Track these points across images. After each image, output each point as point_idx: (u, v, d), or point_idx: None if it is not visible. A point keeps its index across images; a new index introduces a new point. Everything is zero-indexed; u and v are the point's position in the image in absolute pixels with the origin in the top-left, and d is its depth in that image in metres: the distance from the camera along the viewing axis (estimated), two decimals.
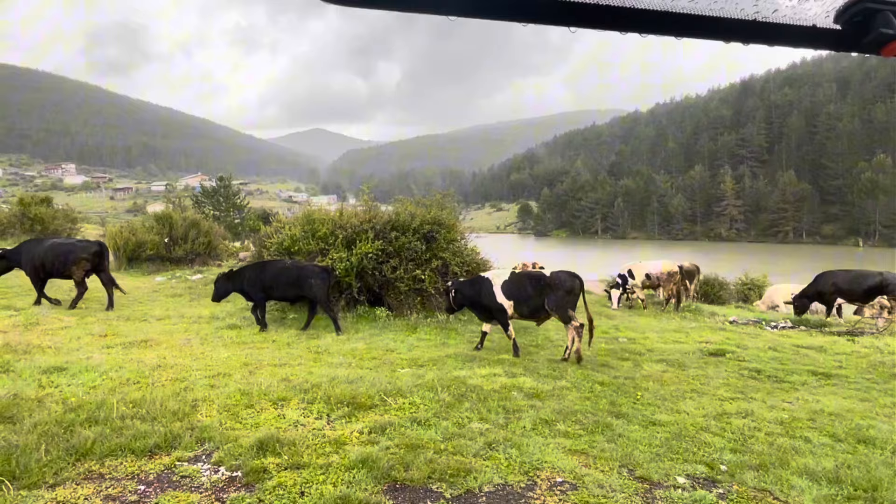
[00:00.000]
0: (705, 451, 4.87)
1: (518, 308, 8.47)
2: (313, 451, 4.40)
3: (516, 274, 8.73)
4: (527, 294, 8.38)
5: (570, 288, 8.34)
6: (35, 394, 5.34)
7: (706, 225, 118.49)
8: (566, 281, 8.37)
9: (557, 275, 8.41)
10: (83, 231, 29.72)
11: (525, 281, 8.47)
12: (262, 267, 10.47)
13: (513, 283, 8.50)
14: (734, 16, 0.97)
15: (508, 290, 8.45)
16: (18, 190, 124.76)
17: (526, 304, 8.38)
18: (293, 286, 10.10)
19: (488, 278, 8.77)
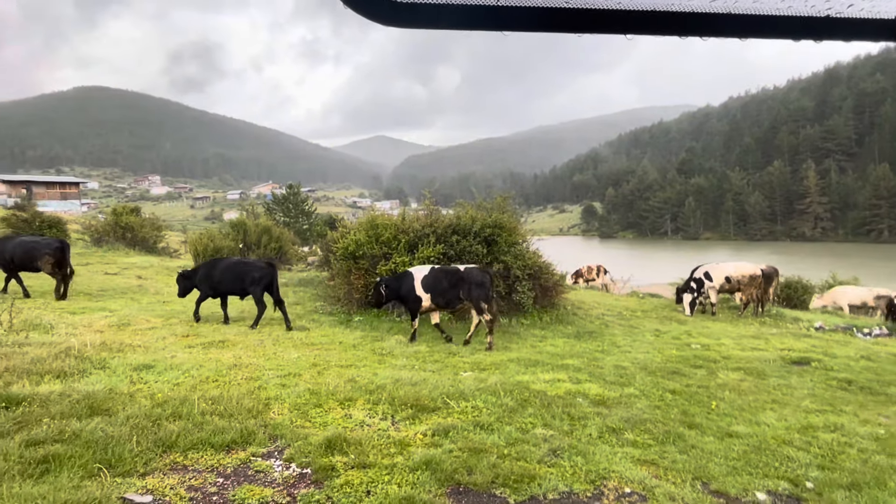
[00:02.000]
0: (788, 467, 4.56)
1: (435, 300, 9.48)
2: (378, 451, 4.49)
3: (435, 269, 9.73)
4: (443, 287, 9.43)
5: (480, 282, 9.41)
6: (127, 389, 5.78)
7: (787, 224, 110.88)
8: (477, 276, 9.50)
9: (470, 270, 9.58)
10: (167, 238, 31.92)
11: (441, 275, 9.54)
12: (213, 264, 11.25)
13: (431, 278, 9.53)
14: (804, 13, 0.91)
15: (427, 284, 9.45)
16: (112, 201, 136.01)
17: (442, 296, 9.44)
18: (237, 281, 10.85)
19: (411, 272, 9.76)
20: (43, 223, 25.88)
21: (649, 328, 12.04)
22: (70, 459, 3.89)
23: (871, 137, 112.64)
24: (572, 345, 9.77)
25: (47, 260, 12.64)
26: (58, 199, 60.61)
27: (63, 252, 12.92)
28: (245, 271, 10.85)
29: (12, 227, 25.40)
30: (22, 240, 13.17)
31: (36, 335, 7.94)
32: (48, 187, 63.48)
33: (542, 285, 12.21)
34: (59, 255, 12.81)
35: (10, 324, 8.14)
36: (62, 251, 12.91)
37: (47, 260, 12.64)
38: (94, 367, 6.50)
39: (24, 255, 12.63)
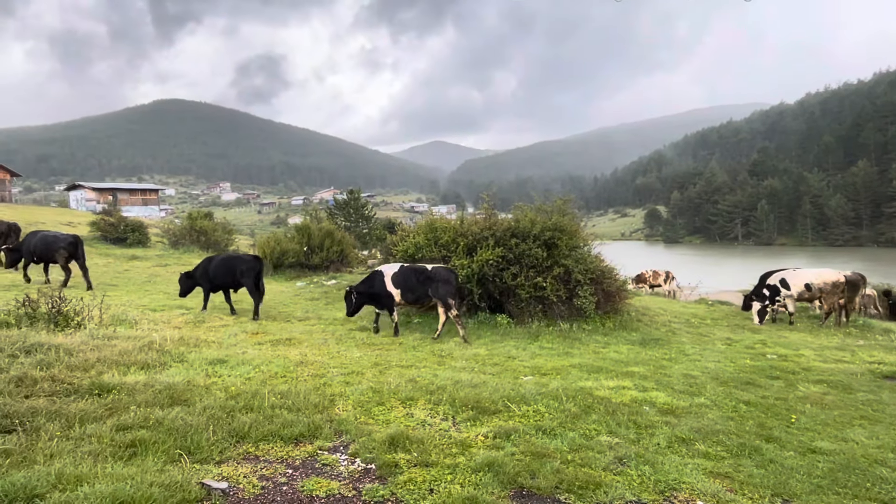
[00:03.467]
0: (882, 488, 4.20)
1: (404, 296, 10.07)
2: (440, 450, 4.51)
3: (404, 267, 10.30)
4: (412, 284, 10.00)
5: (446, 279, 9.99)
6: (203, 381, 6.11)
7: (874, 229, 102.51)
8: (444, 274, 10.09)
9: (437, 269, 10.18)
10: (237, 242, 33.58)
11: (410, 273, 10.10)
12: (209, 261, 12.00)
13: (401, 275, 10.11)
14: None
15: (397, 281, 10.05)
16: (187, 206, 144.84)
17: (411, 292, 10.02)
18: (228, 274, 11.62)
19: (381, 271, 10.35)
20: (127, 227, 27.91)
21: (720, 336, 11.47)
22: (154, 445, 4.15)
23: None
24: (637, 352, 9.45)
25: (62, 253, 14.10)
26: (140, 204, 65.18)
27: (76, 246, 14.35)
28: (235, 265, 11.75)
29: (101, 231, 27.52)
30: (42, 234, 14.82)
31: (122, 329, 8.54)
32: (131, 194, 68.43)
33: (605, 290, 11.90)
34: (73, 249, 14.27)
35: (100, 318, 8.81)
36: (75, 245, 14.35)
37: (62, 253, 14.10)
38: (174, 361, 6.91)
39: (45, 248, 14.20)
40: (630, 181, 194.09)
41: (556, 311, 11.40)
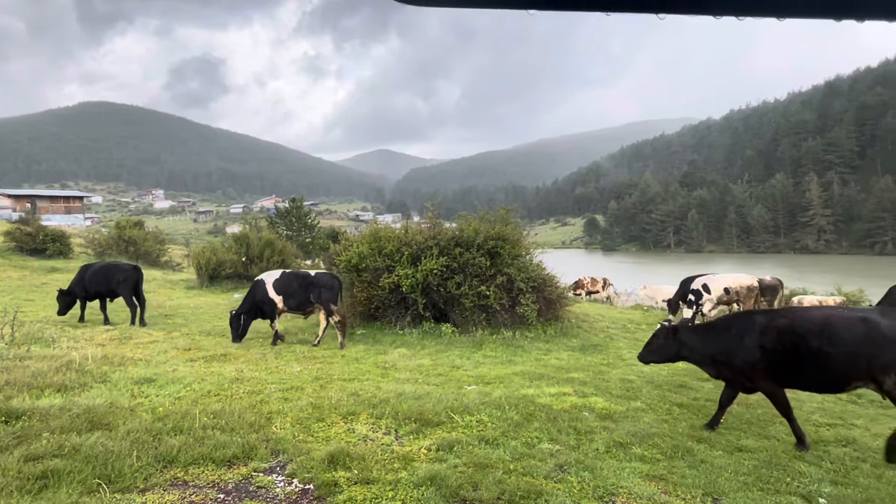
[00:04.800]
0: (800, 482, 4.46)
1: (287, 302, 10.05)
2: (382, 466, 4.41)
3: (286, 273, 10.30)
4: (293, 289, 9.99)
5: (330, 286, 10.01)
6: (128, 403, 5.72)
7: (791, 236, 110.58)
8: (327, 280, 10.09)
9: (320, 275, 10.25)
10: (170, 251, 31.96)
11: (292, 279, 10.08)
12: (85, 269, 11.85)
13: (283, 281, 10.07)
14: None
15: (279, 287, 10.05)
16: (116, 215, 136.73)
17: (293, 297, 10.01)
18: (103, 283, 11.51)
19: (263, 279, 10.26)
20: (47, 237, 25.99)
21: None
22: (69, 475, 3.83)
23: (873, 150, 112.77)
24: (577, 358, 9.68)
25: None
26: (62, 213, 60.89)
27: None
28: (111, 274, 11.54)
29: (16, 241, 25.49)
30: None
31: (37, 348, 7.90)
32: (52, 201, 63.76)
33: (546, 298, 12.15)
34: None
35: (11, 337, 8.11)
36: None
37: None
38: (95, 381, 6.45)
39: None
40: (570, 191, 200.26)
41: (500, 319, 11.52)
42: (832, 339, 4.90)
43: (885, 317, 4.88)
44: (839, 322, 4.96)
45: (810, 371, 5.06)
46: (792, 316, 5.27)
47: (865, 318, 4.89)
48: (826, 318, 5.04)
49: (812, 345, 4.97)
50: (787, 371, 5.20)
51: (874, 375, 4.80)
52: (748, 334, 5.35)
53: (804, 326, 5.08)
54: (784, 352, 5.13)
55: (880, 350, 4.74)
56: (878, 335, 4.77)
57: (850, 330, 4.87)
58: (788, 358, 5.12)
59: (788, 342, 5.11)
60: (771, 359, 5.20)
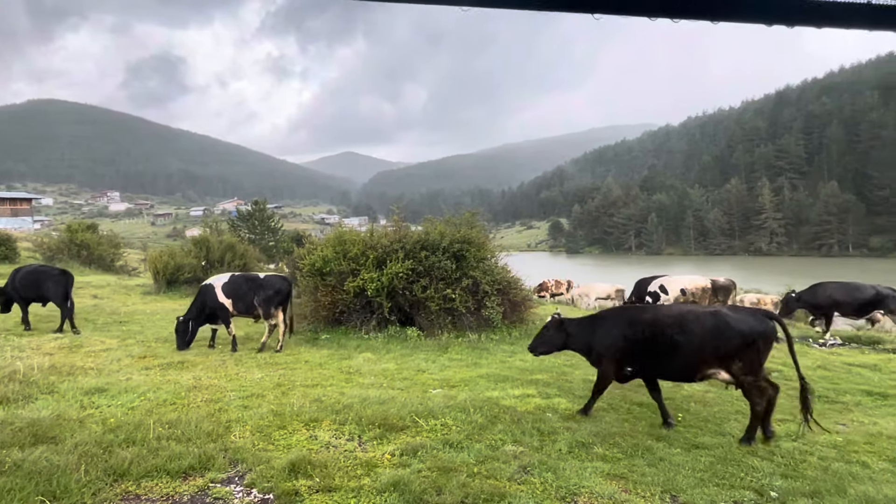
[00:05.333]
0: (753, 477, 4.61)
1: (236, 305, 9.79)
2: (345, 473, 4.35)
3: (235, 276, 10.07)
4: (242, 292, 9.76)
5: (278, 289, 9.82)
6: (77, 414, 5.47)
7: (745, 239, 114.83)
8: (276, 283, 9.90)
9: (269, 277, 10.03)
10: (125, 256, 30.81)
11: (241, 281, 9.88)
12: (15, 273, 11.60)
13: (231, 284, 9.83)
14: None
15: (227, 290, 9.80)
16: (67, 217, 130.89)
17: (242, 300, 9.77)
18: (33, 288, 11.26)
19: (211, 283, 9.98)
20: None
21: None
22: (9, 493, 3.62)
23: (820, 157, 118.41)
24: (541, 359, 9.74)
25: None
26: (8, 215, 57.94)
27: None
28: (41, 278, 11.23)
29: None
30: None
31: None
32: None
33: (511, 300, 12.24)
34: None
35: None
36: None
37: None
38: (41, 392, 6.15)
39: None
40: (535, 195, 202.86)
41: (465, 322, 11.54)
42: (685, 331, 5.51)
43: (734, 312, 5.59)
44: (692, 316, 5.59)
45: (668, 359, 5.65)
46: (655, 311, 5.94)
47: (716, 313, 5.55)
48: (682, 313, 5.68)
49: (668, 335, 5.57)
50: (650, 359, 5.77)
51: (723, 363, 5.43)
52: (618, 327, 5.97)
53: (664, 320, 5.69)
54: (646, 341, 5.72)
55: (727, 340, 5.36)
56: (726, 327, 5.38)
57: (701, 323, 5.49)
58: (650, 347, 5.71)
59: (650, 333, 5.69)
60: (635, 348, 5.80)
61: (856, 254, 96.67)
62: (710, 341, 5.42)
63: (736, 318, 5.44)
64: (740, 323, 5.39)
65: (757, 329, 5.36)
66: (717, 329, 5.41)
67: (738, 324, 5.39)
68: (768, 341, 5.42)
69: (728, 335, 5.37)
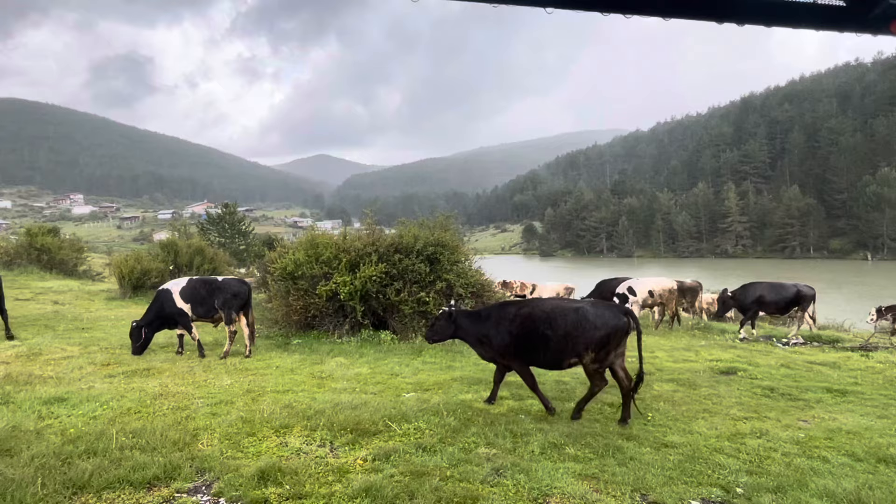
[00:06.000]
0: (720, 474, 4.72)
1: (195, 310, 9.61)
2: (316, 479, 4.28)
3: (193, 280, 9.93)
4: (201, 297, 9.59)
5: (237, 292, 9.67)
6: (34, 425, 5.26)
7: (712, 242, 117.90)
8: (234, 286, 9.79)
9: (228, 280, 9.99)
10: (89, 260, 29.85)
11: (199, 285, 9.72)
12: None
13: (189, 289, 9.66)
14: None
15: (186, 295, 9.61)
16: (27, 221, 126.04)
17: (201, 305, 9.60)
18: None
19: (168, 288, 9.79)
20: None
21: None
22: None
23: (782, 162, 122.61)
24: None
25: None
26: None
27: None
28: None
29: None
30: None
31: None
32: None
33: (485, 303, 12.27)
34: None
35: None
36: None
37: None
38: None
39: None
40: (509, 198, 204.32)
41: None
42: (552, 325, 6.01)
43: (594, 307, 6.11)
44: (559, 311, 6.09)
45: (541, 350, 6.13)
46: (532, 306, 6.38)
47: (578, 308, 6.07)
48: (552, 308, 6.17)
49: (540, 329, 6.06)
50: (528, 350, 6.26)
51: (579, 353, 5.95)
52: (503, 324, 6.37)
53: (537, 315, 6.16)
54: (525, 335, 6.20)
55: (584, 333, 5.90)
56: (585, 321, 5.91)
57: (565, 317, 6.00)
58: (528, 340, 6.20)
59: (528, 327, 6.17)
60: (517, 341, 6.26)
61: (816, 255, 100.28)
62: (572, 334, 5.93)
63: (595, 314, 5.97)
64: (598, 318, 5.94)
65: (611, 323, 5.93)
66: (578, 323, 5.93)
67: (597, 318, 5.93)
68: (622, 334, 6.01)
69: (588, 329, 5.89)
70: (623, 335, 6.03)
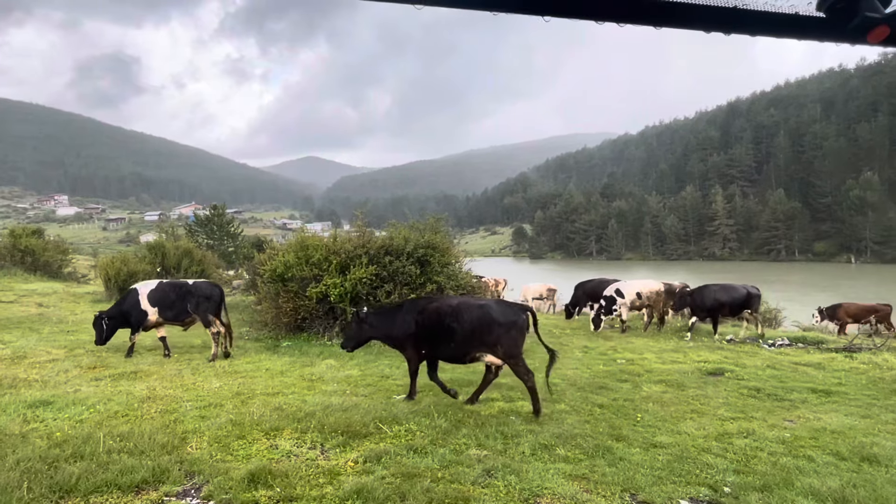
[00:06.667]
0: (708, 473, 4.77)
1: (163, 313, 9.62)
2: (306, 482, 4.27)
3: (162, 283, 9.94)
4: (170, 300, 9.59)
5: (208, 295, 9.71)
6: (19, 429, 5.19)
7: (700, 245, 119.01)
8: (205, 289, 9.79)
9: (198, 284, 9.94)
10: (74, 262, 29.48)
11: (169, 289, 9.71)
12: None
13: (158, 292, 9.66)
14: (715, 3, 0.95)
15: (154, 298, 9.62)
16: (10, 222, 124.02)
17: (170, 309, 9.59)
18: None
19: (136, 289, 9.82)
20: None
21: (578, 345, 12.40)
22: None
23: (768, 166, 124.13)
24: None
25: None
26: None
27: None
28: None
29: None
30: None
31: None
32: None
33: None
34: None
35: None
36: None
37: None
38: None
39: None
40: (499, 201, 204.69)
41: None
42: (459, 320, 6.38)
43: (498, 304, 6.56)
44: (465, 307, 6.47)
45: (446, 342, 6.49)
46: (440, 302, 6.77)
47: (482, 305, 6.48)
48: (458, 304, 6.56)
49: (448, 324, 6.43)
50: (433, 342, 6.62)
51: (489, 347, 6.34)
52: (410, 315, 6.76)
53: (444, 310, 6.53)
54: (431, 327, 6.56)
55: (490, 329, 6.28)
56: (491, 319, 6.30)
57: (471, 312, 6.40)
58: (434, 333, 6.55)
59: (434, 321, 6.53)
60: (422, 333, 6.62)
61: (801, 258, 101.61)
62: (476, 329, 6.31)
63: (497, 310, 6.38)
64: (500, 314, 6.34)
65: (511, 319, 6.34)
66: (481, 319, 6.32)
67: (498, 315, 6.33)
68: (522, 329, 6.41)
69: (490, 324, 6.28)
70: (524, 330, 6.43)
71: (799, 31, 1.00)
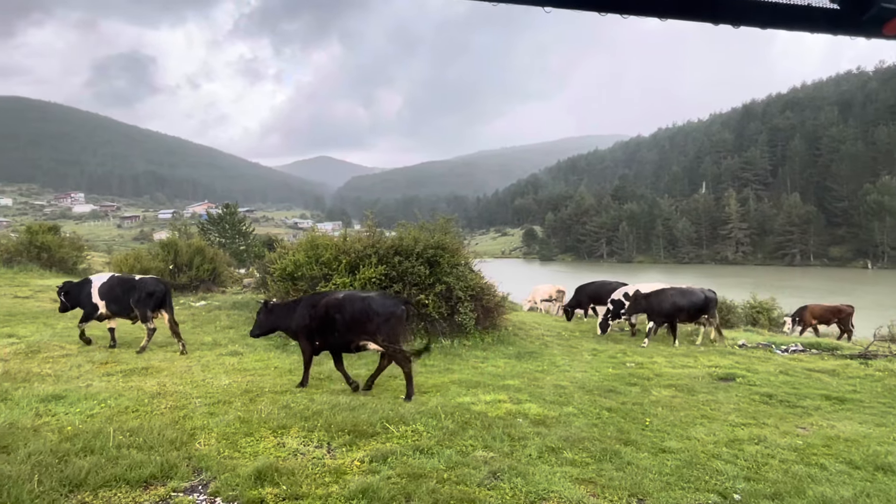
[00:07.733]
0: (717, 480, 4.71)
1: (109, 307, 9.84)
2: (312, 480, 4.28)
3: (113, 277, 10.16)
4: (116, 295, 9.80)
5: (151, 291, 9.81)
6: (31, 423, 5.26)
7: (712, 248, 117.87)
8: (150, 285, 9.91)
9: (143, 280, 10.11)
10: (89, 259, 29.85)
11: (117, 284, 9.94)
12: None
13: (107, 286, 9.90)
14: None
15: (103, 292, 9.88)
16: (28, 219, 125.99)
17: (116, 303, 9.80)
18: None
19: (91, 279, 10.18)
20: None
21: (587, 348, 12.32)
22: None
23: (783, 169, 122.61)
24: (513, 365, 9.83)
25: None
26: None
27: None
28: None
29: None
30: None
31: None
32: None
33: (485, 306, 12.27)
34: None
35: None
36: None
37: None
38: None
39: None
40: (510, 202, 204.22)
41: (438, 327, 11.51)
42: (342, 312, 6.99)
43: (380, 297, 7.21)
44: (349, 300, 7.08)
45: (332, 332, 7.09)
46: (333, 296, 7.32)
47: (365, 298, 7.11)
48: (343, 297, 7.19)
49: (333, 315, 7.02)
50: (322, 332, 7.18)
51: (369, 335, 6.92)
52: (306, 308, 7.31)
53: (331, 303, 7.10)
54: (322, 319, 7.11)
55: (370, 319, 6.89)
56: (371, 310, 6.91)
57: (353, 304, 7.01)
58: (324, 324, 7.11)
59: (324, 313, 7.08)
60: (315, 324, 7.16)
61: (816, 263, 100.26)
62: (357, 319, 6.91)
63: (378, 302, 7.00)
64: (380, 306, 6.96)
65: (391, 310, 6.96)
66: (363, 310, 6.92)
67: (379, 306, 6.94)
68: (401, 319, 7.03)
69: (370, 315, 6.88)
70: (403, 320, 7.06)
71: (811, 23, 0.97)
